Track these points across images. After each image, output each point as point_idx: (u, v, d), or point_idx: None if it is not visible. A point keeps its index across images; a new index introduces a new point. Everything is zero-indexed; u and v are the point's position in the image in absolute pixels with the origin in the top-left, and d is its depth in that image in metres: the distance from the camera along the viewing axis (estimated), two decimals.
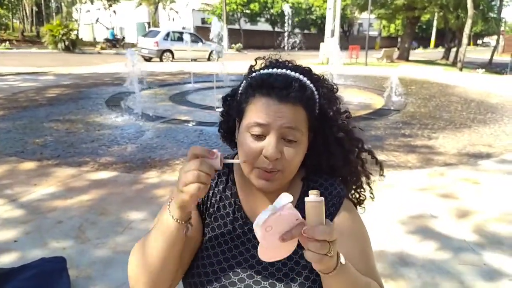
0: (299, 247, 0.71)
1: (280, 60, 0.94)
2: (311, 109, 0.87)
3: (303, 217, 0.68)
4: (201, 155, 0.74)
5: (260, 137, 0.83)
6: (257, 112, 0.83)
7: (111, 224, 2.89)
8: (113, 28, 32.42)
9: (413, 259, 2.54)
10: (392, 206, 3.32)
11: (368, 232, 0.95)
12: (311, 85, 0.88)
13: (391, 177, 3.97)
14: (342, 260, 0.74)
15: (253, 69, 0.94)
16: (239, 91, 0.92)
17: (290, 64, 0.92)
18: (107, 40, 29.86)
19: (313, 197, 0.68)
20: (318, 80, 0.92)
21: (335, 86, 0.96)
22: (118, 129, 5.77)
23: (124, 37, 32.79)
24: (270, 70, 0.89)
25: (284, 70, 0.88)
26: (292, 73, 0.87)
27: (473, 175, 4.11)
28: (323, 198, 0.68)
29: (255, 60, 0.97)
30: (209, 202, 0.94)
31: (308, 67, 0.93)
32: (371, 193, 1.03)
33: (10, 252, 2.49)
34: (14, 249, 2.54)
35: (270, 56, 0.96)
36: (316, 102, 0.89)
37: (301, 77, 0.87)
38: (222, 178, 0.97)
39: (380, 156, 4.66)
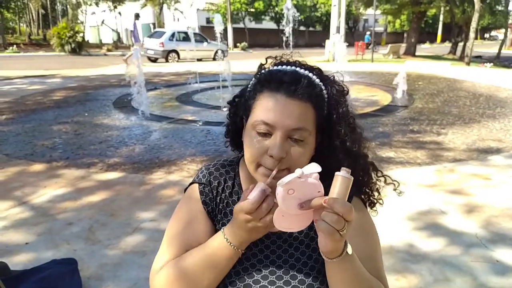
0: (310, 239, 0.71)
1: (291, 59, 0.93)
2: (319, 108, 0.85)
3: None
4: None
5: (266, 135, 0.82)
6: (264, 110, 0.82)
7: (121, 225, 2.91)
8: (369, 33, 25.00)
9: (424, 256, 2.51)
10: (402, 203, 3.29)
11: (377, 232, 0.94)
12: (320, 83, 0.87)
13: (400, 174, 3.94)
14: (349, 250, 0.75)
15: (263, 67, 0.94)
16: (248, 89, 0.92)
17: (299, 63, 0.91)
18: (367, 45, 22.84)
19: (343, 172, 0.68)
20: (328, 80, 0.91)
21: (345, 88, 0.94)
22: (126, 130, 5.80)
23: None
24: (279, 67, 0.89)
25: (293, 67, 0.88)
26: (301, 70, 0.87)
27: (483, 171, 4.06)
28: (352, 177, 0.69)
29: (266, 59, 0.97)
30: (217, 209, 0.94)
31: (318, 67, 0.92)
32: (380, 199, 1.00)
33: (21, 254, 2.51)
34: (26, 251, 2.56)
35: (282, 55, 0.96)
36: (325, 101, 0.88)
37: (310, 74, 0.87)
38: (228, 183, 0.96)
39: (389, 153, 4.63)
